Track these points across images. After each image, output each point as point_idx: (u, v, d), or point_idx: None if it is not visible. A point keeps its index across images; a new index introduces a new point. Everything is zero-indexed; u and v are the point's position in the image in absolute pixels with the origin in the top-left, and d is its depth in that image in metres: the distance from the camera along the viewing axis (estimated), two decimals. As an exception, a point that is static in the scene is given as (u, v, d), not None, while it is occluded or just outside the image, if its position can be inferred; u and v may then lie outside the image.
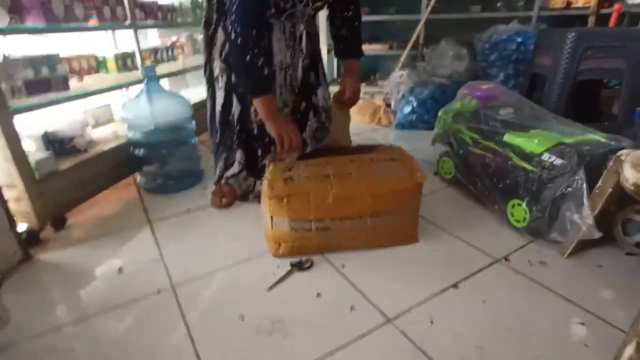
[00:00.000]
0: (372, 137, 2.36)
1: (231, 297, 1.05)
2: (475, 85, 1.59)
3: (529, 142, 1.24)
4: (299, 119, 1.47)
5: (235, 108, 1.40)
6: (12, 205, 1.23)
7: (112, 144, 1.64)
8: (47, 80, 1.44)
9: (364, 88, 2.88)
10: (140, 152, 1.60)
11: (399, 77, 2.46)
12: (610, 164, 1.00)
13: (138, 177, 1.73)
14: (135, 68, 2.01)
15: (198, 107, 1.84)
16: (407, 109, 2.41)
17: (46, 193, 1.32)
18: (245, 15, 1.14)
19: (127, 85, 1.72)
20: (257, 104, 1.24)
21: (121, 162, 1.66)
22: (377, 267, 1.15)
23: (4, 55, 1.35)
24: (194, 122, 1.73)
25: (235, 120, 1.41)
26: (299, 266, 1.14)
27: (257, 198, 1.53)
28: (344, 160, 1.24)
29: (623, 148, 1.09)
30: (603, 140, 1.14)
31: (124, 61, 1.96)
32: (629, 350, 0.72)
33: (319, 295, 1.04)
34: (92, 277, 1.15)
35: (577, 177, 1.07)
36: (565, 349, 0.86)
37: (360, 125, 2.60)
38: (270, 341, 0.89)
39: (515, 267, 1.12)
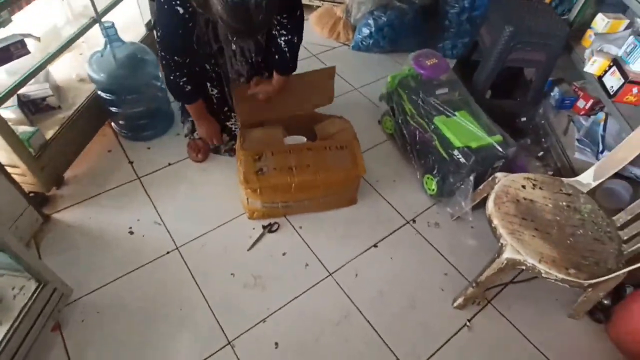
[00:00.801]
0: (329, 60, 2.49)
1: (222, 256, 1.49)
2: (423, 60, 1.78)
3: (449, 134, 1.60)
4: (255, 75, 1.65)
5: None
6: (19, 180, 1.44)
7: (82, 97, 1.72)
8: (5, 48, 1.42)
9: (325, -10, 2.76)
10: (108, 98, 1.68)
11: (360, -4, 2.42)
12: (490, 179, 1.43)
13: (112, 123, 1.87)
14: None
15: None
16: (365, 31, 2.48)
17: (45, 164, 1.51)
18: (166, 46, 1.27)
19: (82, 33, 1.65)
20: (187, 107, 1.47)
21: (95, 112, 1.77)
22: (324, 228, 1.61)
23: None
24: (159, 69, 1.79)
25: None
26: (268, 229, 1.57)
27: (228, 152, 1.83)
28: (303, 149, 1.51)
29: (507, 156, 1.52)
30: (497, 145, 1.52)
31: (65, -18, 1.78)
32: (466, 292, 1.31)
33: (284, 254, 1.52)
34: (109, 239, 1.51)
35: (469, 179, 1.51)
36: (430, 292, 1.46)
37: (319, 39, 2.64)
38: (254, 293, 1.40)
39: (418, 228, 1.65)
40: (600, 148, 1.69)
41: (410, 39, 2.48)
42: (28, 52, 1.49)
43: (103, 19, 1.71)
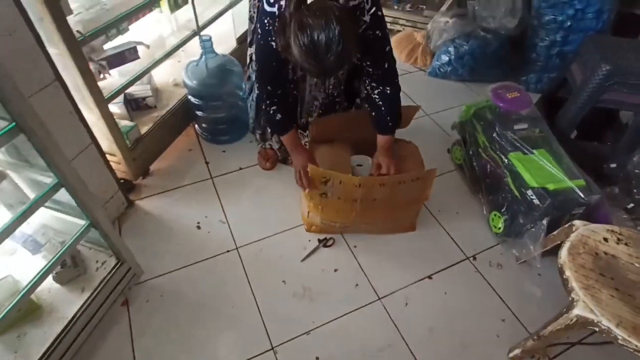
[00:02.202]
0: (404, 83, 2.48)
1: (276, 263, 1.54)
2: (503, 92, 1.71)
3: (525, 172, 1.51)
4: (330, 110, 1.70)
5: None
6: (114, 167, 1.64)
7: (175, 100, 1.91)
8: (121, 52, 1.64)
9: (405, 15, 2.78)
10: (196, 102, 1.85)
11: (443, 24, 2.40)
12: (566, 225, 1.32)
13: (196, 125, 2.05)
14: (186, 3, 2.07)
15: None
16: (444, 58, 2.45)
17: (137, 156, 1.70)
18: (261, 76, 1.33)
19: (183, 43, 1.85)
20: (282, 138, 1.48)
21: (183, 114, 1.96)
22: (379, 250, 1.60)
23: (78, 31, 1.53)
24: (242, 80, 1.94)
25: None
26: (324, 243, 1.60)
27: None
28: (375, 184, 1.37)
29: (589, 203, 1.39)
30: (578, 190, 1.40)
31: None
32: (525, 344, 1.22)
33: (336, 270, 1.53)
34: (179, 230, 1.64)
35: (541, 223, 1.40)
36: (484, 337, 1.37)
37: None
38: (302, 304, 1.43)
39: (478, 266, 1.57)
40: None
41: (492, 69, 2.41)
42: (138, 57, 1.71)
43: (202, 32, 1.90)
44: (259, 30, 1.19)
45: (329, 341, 1.34)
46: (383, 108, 1.39)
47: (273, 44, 1.17)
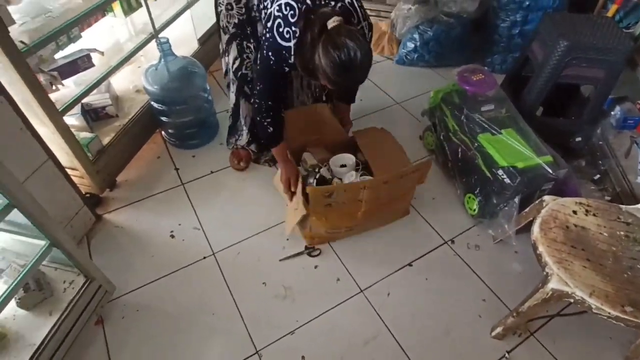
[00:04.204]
0: (373, 74, 2.47)
1: (255, 265, 1.51)
2: (468, 75, 1.73)
3: (494, 152, 1.52)
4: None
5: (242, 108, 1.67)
6: (77, 181, 1.57)
7: (137, 107, 1.85)
8: (74, 61, 1.56)
9: (368, 4, 2.77)
10: (160, 108, 1.79)
11: (406, 11, 2.40)
12: (537, 202, 1.34)
13: (163, 132, 1.99)
14: (140, 5, 2.00)
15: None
16: (410, 46, 2.45)
17: (101, 169, 1.63)
18: (264, 93, 1.37)
19: (140, 48, 1.78)
20: (272, 150, 1.52)
21: (148, 121, 1.89)
22: (358, 243, 1.59)
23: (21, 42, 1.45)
24: (206, 81, 1.88)
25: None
26: (309, 252, 1.56)
27: (267, 162, 1.87)
28: (380, 184, 1.40)
29: (557, 178, 1.42)
30: (546, 166, 1.43)
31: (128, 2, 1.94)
32: (506, 321, 1.24)
33: (316, 267, 1.51)
34: (152, 241, 1.59)
35: (513, 201, 1.42)
36: (467, 318, 1.39)
37: (363, 54, 2.64)
38: (285, 304, 1.41)
39: (456, 249, 1.58)
40: (668, 173, 1.53)
41: (457, 53, 2.43)
42: (93, 65, 1.64)
43: (160, 35, 1.83)
44: (272, 58, 1.28)
45: (315, 339, 1.32)
46: (351, 92, 1.61)
47: (286, 68, 1.30)
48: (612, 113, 1.81)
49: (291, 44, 1.23)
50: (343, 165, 1.59)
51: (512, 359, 1.29)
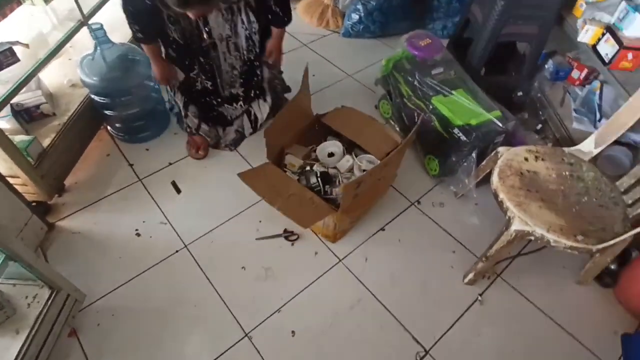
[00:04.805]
0: (320, 48, 2.47)
1: (231, 251, 1.49)
2: (416, 41, 1.77)
3: (448, 113, 1.60)
4: (251, 79, 1.72)
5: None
6: (21, 190, 1.43)
7: (76, 103, 1.70)
8: (-6, 57, 1.39)
9: (311, -22, 2.72)
10: (102, 101, 1.66)
11: (347, -19, 2.39)
12: (492, 154, 1.44)
13: (109, 127, 1.85)
14: (61, -10, 1.81)
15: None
16: (355, 17, 2.46)
17: (45, 173, 1.50)
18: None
19: (69, 37, 1.62)
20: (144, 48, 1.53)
21: (90, 117, 1.75)
22: (331, 215, 1.61)
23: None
24: (150, 67, 1.76)
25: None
26: (286, 237, 1.54)
27: (228, 147, 1.82)
28: (398, 156, 1.45)
29: (507, 130, 1.52)
30: (496, 121, 1.52)
31: (47, -13, 1.74)
32: (476, 267, 1.33)
33: (292, 244, 1.52)
34: (116, 242, 1.50)
35: (471, 156, 1.51)
36: (440, 270, 1.48)
37: (308, 28, 2.62)
38: (267, 284, 1.41)
39: (423, 209, 1.66)
40: (598, 116, 1.70)
41: (401, 22, 2.47)
42: (18, 60, 1.47)
43: (90, 21, 1.68)
44: None
45: (301, 313, 1.34)
46: (280, 12, 1.55)
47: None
48: (546, 67, 1.97)
49: None
50: (331, 154, 1.59)
51: (484, 300, 1.40)
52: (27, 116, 1.59)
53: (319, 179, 1.47)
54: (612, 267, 1.42)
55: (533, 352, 1.29)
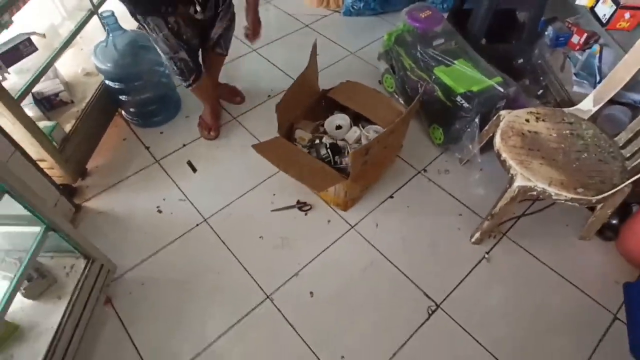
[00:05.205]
0: (322, 28, 2.50)
1: (249, 222, 1.57)
2: (416, 13, 1.81)
3: (450, 81, 1.65)
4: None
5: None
6: (48, 173, 1.51)
7: (92, 90, 1.77)
8: (15, 47, 1.46)
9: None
10: (117, 87, 1.72)
11: (346, -40, 2.41)
12: (494, 118, 1.49)
13: (123, 112, 1.92)
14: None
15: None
16: (355, -5, 2.49)
17: (69, 157, 1.58)
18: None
19: (82, 26, 1.69)
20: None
21: (106, 103, 1.82)
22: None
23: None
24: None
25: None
26: (299, 207, 1.62)
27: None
28: (403, 123, 1.52)
29: (509, 95, 1.57)
30: (498, 86, 1.57)
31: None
32: (482, 226, 1.40)
33: (306, 214, 1.60)
34: (140, 219, 1.59)
35: (474, 122, 1.57)
36: (448, 232, 1.55)
37: (309, 9, 2.65)
38: (284, 253, 1.49)
39: (429, 176, 1.72)
40: (598, 79, 1.73)
41: (401, -4, 2.49)
42: (36, 49, 1.53)
43: (100, 10, 1.74)
44: None
45: (318, 275, 1.43)
46: None
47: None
48: (546, 33, 1.99)
49: None
50: (338, 127, 1.65)
51: (491, 257, 1.47)
52: (47, 104, 1.66)
53: (329, 150, 1.53)
54: (614, 221, 1.48)
55: (539, 304, 1.37)
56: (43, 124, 1.52)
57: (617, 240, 1.48)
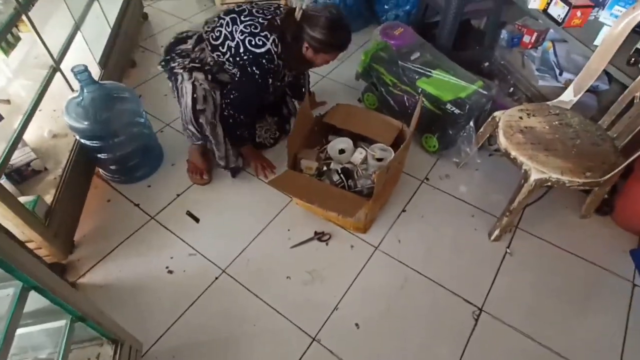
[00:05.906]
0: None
1: (270, 264, 1.49)
2: (390, 31, 1.89)
3: (436, 91, 1.72)
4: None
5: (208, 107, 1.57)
6: (37, 253, 1.33)
7: (65, 153, 1.60)
8: (-22, 119, 1.29)
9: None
10: (95, 145, 1.57)
11: (301, -11, 2.47)
12: (489, 119, 1.58)
13: (101, 171, 1.76)
14: (18, 39, 1.71)
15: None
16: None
17: (57, 231, 1.40)
18: (244, 107, 1.57)
19: (47, 84, 1.53)
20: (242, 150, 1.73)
21: (84, 164, 1.66)
22: (353, 209, 1.67)
23: None
24: (140, 105, 1.71)
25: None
26: (319, 238, 1.57)
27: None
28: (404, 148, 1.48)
29: (493, 96, 1.68)
30: (481, 90, 1.67)
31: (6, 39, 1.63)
32: (501, 223, 1.45)
33: (327, 244, 1.56)
34: (150, 285, 1.44)
35: (469, 126, 1.65)
36: (466, 234, 1.59)
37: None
38: (316, 287, 1.43)
39: (433, 184, 1.77)
40: (558, 71, 1.92)
41: (356, 19, 2.60)
42: (2, 118, 1.36)
43: (65, 65, 1.59)
44: (257, 72, 1.48)
45: (358, 304, 1.38)
46: (300, 84, 1.92)
47: (270, 80, 1.52)
48: (501, 37, 2.17)
49: (267, 46, 1.44)
50: (342, 151, 1.64)
51: (512, 251, 1.53)
52: (18, 177, 1.47)
53: (341, 176, 1.52)
54: (606, 196, 1.62)
55: (566, 283, 1.44)
56: (24, 200, 1.34)
57: (613, 214, 1.62)
